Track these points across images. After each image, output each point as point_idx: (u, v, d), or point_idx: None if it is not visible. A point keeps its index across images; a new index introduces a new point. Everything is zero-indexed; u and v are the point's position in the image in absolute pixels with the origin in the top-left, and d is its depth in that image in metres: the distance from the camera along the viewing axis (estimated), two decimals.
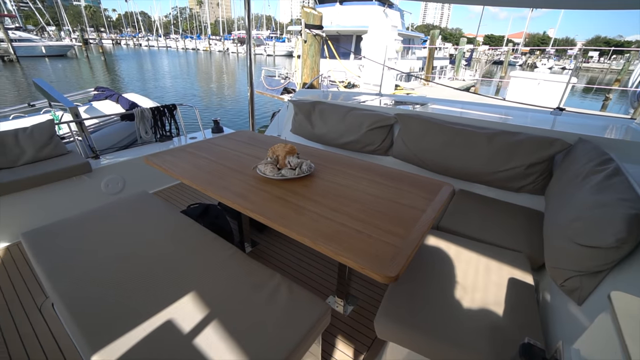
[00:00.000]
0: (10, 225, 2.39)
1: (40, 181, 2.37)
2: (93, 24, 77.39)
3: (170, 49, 59.79)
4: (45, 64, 27.46)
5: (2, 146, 2.38)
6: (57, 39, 38.83)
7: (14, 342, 1.66)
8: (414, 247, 1.15)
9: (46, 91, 3.20)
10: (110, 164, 2.86)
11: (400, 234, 1.21)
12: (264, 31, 71.16)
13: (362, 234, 1.21)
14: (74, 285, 1.32)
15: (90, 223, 1.74)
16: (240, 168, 1.78)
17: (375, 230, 1.23)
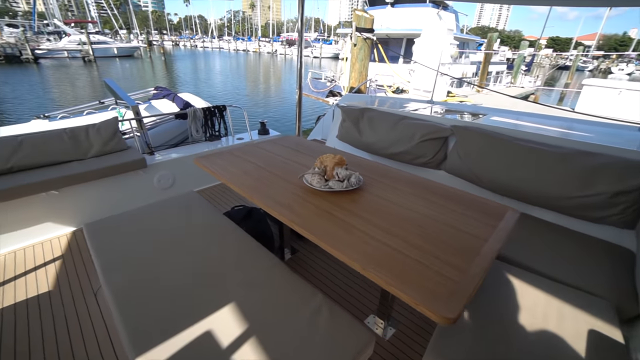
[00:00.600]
0: (76, 212, 2.61)
1: (104, 174, 2.55)
2: (157, 27, 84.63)
3: (222, 50, 63.23)
4: (115, 63, 30.53)
5: (76, 140, 2.60)
6: (127, 41, 42.99)
7: (71, 319, 1.80)
8: (476, 285, 1.00)
9: (114, 90, 3.46)
10: (163, 161, 3.01)
11: (460, 266, 1.07)
12: (312, 33, 72.32)
13: (419, 263, 1.08)
14: (124, 283, 1.37)
15: (143, 220, 1.82)
16: (286, 176, 1.74)
17: (432, 260, 1.10)
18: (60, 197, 2.50)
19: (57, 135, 2.55)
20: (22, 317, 1.81)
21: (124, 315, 1.21)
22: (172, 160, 3.06)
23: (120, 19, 54.66)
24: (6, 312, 1.84)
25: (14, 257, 2.29)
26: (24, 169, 2.39)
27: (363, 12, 4.94)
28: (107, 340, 1.69)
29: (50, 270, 2.17)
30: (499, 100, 8.22)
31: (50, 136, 2.52)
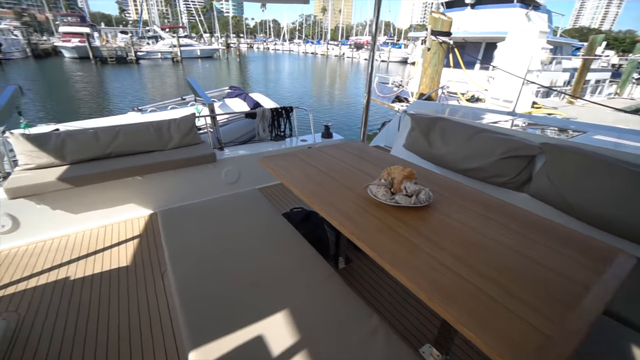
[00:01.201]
0: (154, 198, 2.89)
1: (179, 164, 2.78)
2: (235, 31, 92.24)
3: (292, 53, 66.05)
4: (197, 63, 33.98)
5: (160, 132, 2.89)
6: (209, 43, 47.50)
7: (141, 294, 1.98)
8: (576, 344, 0.81)
9: (194, 89, 3.78)
10: (231, 157, 3.18)
11: (551, 316, 0.88)
12: (381, 37, 71.31)
13: (496, 302, 0.92)
14: (187, 272, 1.44)
15: (210, 213, 1.92)
16: (349, 183, 1.66)
17: (514, 301, 0.92)
18: (142, 183, 2.80)
19: (145, 128, 2.85)
20: (105, 284, 2.05)
21: (184, 304, 1.27)
22: (239, 156, 3.22)
23: (205, 24, 60.73)
24: (95, 278, 2.10)
25: (104, 231, 2.62)
26: (119, 155, 2.73)
27: (440, 14, 4.63)
28: (168, 318, 1.81)
29: (129, 247, 2.43)
30: (600, 115, 6.95)
31: (140, 128, 2.83)
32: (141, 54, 35.09)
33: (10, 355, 1.60)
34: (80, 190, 2.52)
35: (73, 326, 1.77)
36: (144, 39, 45.00)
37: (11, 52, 32.12)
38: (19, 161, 2.46)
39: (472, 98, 7.80)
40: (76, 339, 1.70)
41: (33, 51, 36.25)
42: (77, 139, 2.58)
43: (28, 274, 2.15)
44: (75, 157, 2.56)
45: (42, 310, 1.86)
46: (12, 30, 36.60)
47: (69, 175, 2.37)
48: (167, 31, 42.31)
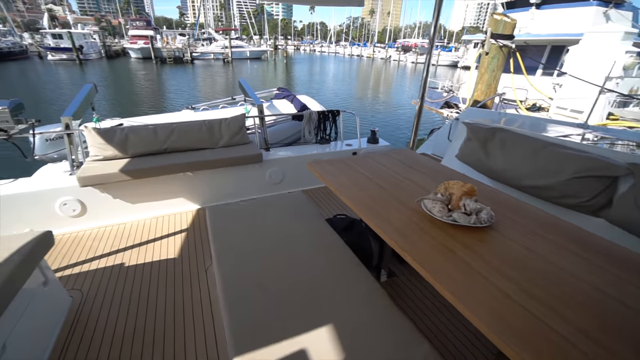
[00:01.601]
0: (202, 193, 3.02)
1: (228, 163, 2.87)
2: (283, 33, 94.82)
3: (337, 55, 66.25)
4: (246, 64, 35.47)
5: (211, 131, 3.00)
6: (258, 45, 49.42)
7: (186, 287, 2.05)
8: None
9: (245, 89, 3.89)
10: (276, 158, 3.22)
11: None
12: None
13: (579, 350, 0.78)
14: (232, 272, 1.45)
15: (255, 213, 1.94)
16: (399, 195, 1.57)
17: (601, 352, 0.78)
18: (192, 178, 2.93)
19: (198, 126, 2.99)
20: (155, 273, 2.16)
21: (228, 305, 1.28)
22: (284, 158, 3.25)
23: (256, 26, 63.31)
24: (146, 266, 2.22)
25: (155, 222, 2.78)
26: (173, 151, 2.88)
27: (503, 16, 4.29)
28: (210, 314, 1.86)
29: (177, 240, 2.55)
30: None
31: (193, 126, 2.97)
32: (196, 54, 37.54)
33: (74, 330, 1.74)
34: (138, 182, 2.70)
35: (126, 310, 1.88)
36: (199, 40, 48.10)
37: (89, 54, 36.15)
38: (89, 152, 2.70)
39: (534, 107, 6.99)
40: (128, 322, 1.80)
41: (106, 52, 40.56)
42: (139, 134, 2.77)
43: (91, 256, 2.34)
44: (135, 151, 2.75)
45: (100, 292, 2.01)
46: (92, 34, 41.22)
47: (129, 167, 2.55)
48: (221, 33, 44.81)
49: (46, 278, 1.72)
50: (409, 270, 2.23)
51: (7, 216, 2.44)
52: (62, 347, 1.65)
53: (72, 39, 32.57)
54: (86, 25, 54.29)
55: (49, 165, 3.42)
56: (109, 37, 53.19)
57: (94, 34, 41.84)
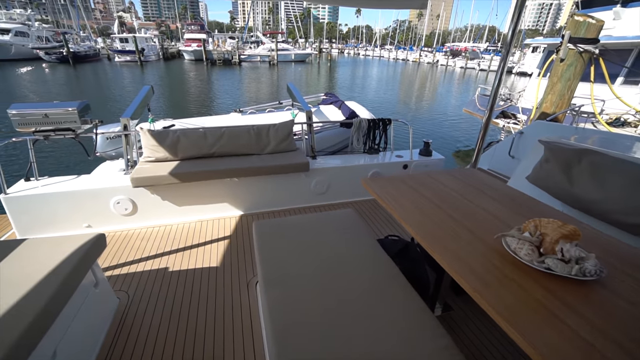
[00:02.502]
0: (246, 200, 2.97)
1: (274, 170, 2.79)
2: (328, 37, 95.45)
3: (382, 59, 65.20)
4: (291, 67, 36.18)
5: (259, 136, 2.95)
6: (303, 48, 50.31)
7: (227, 298, 1.98)
8: None
9: (294, 94, 3.82)
10: (323, 167, 3.08)
11: None
12: (482, 44, 64.88)
13: None
14: (279, 292, 1.34)
15: (302, 227, 1.80)
16: (475, 228, 1.34)
17: None
18: (238, 184, 2.89)
19: (246, 131, 2.95)
20: (197, 280, 2.12)
21: (274, 328, 1.17)
22: (330, 168, 3.10)
23: (302, 29, 64.60)
24: (189, 273, 2.19)
25: (200, 225, 2.78)
26: (221, 156, 2.87)
27: (586, 16, 3.76)
28: (249, 329, 1.77)
29: (220, 246, 2.50)
30: None
31: (241, 130, 2.93)
32: (243, 57, 39.18)
33: (120, 333, 1.73)
34: (186, 185, 2.71)
35: (168, 315, 1.85)
36: (247, 43, 50.15)
37: (149, 56, 39.48)
38: (143, 153, 2.77)
39: (617, 121, 5.90)
40: (170, 328, 1.76)
41: (164, 54, 43.94)
42: (189, 138, 2.79)
43: (138, 257, 2.37)
44: (185, 154, 2.77)
45: (145, 295, 2.00)
46: (152, 38, 44.90)
47: (179, 170, 2.56)
48: (268, 36, 46.33)
49: (97, 279, 1.73)
50: (468, 306, 1.97)
51: (68, 211, 2.56)
52: (107, 351, 1.64)
53: (136, 42, 35.65)
54: (148, 30, 59.20)
55: (107, 162, 3.61)
56: (166, 40, 57.57)
57: (154, 38, 45.46)
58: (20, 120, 2.42)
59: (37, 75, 25.34)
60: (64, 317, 1.39)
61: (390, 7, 2.80)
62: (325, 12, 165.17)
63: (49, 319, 1.22)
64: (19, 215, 2.47)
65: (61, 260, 1.41)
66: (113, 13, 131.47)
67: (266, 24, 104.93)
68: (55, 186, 2.53)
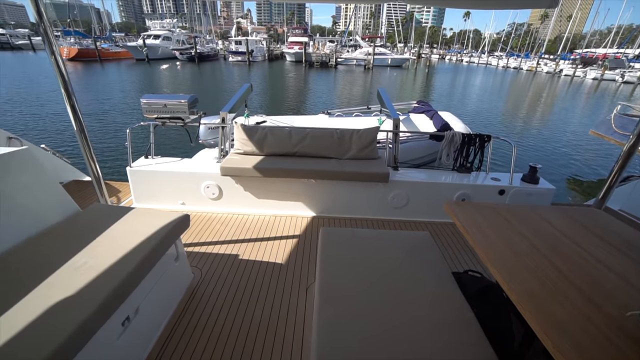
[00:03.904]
0: (319, 202, 2.96)
1: (351, 177, 2.71)
2: (429, 41, 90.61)
3: (488, 66, 58.80)
4: (386, 72, 35.64)
5: (342, 140, 2.91)
6: (401, 53, 48.98)
7: (285, 298, 1.99)
8: None
9: (383, 100, 3.67)
10: (404, 180, 2.87)
11: None
12: (633, 49, 51.50)
13: None
14: (335, 307, 1.27)
15: (373, 244, 1.68)
16: (594, 293, 1.01)
17: None
18: (314, 185, 2.90)
19: (330, 134, 2.94)
20: (261, 274, 2.19)
21: (322, 348, 1.10)
22: (412, 181, 2.87)
23: (402, 34, 63.02)
24: (255, 265, 2.29)
25: (272, 220, 2.89)
26: (302, 156, 2.93)
27: None
28: (300, 332, 1.74)
29: (288, 243, 2.55)
30: None
31: (325, 133, 2.94)
32: (340, 60, 40.32)
33: (189, 304, 1.90)
34: (266, 179, 2.85)
35: (231, 299, 1.96)
36: (345, 47, 51.38)
37: (257, 56, 44.23)
38: (234, 145, 3.01)
39: None
40: (230, 311, 1.86)
41: (269, 56, 48.46)
42: (276, 135, 2.92)
43: (215, 239, 2.59)
44: (270, 150, 2.91)
45: (215, 275, 2.16)
46: (261, 40, 50.03)
47: (262, 165, 2.70)
48: (367, 41, 46.57)
49: (178, 254, 1.93)
50: None
51: (170, 187, 2.96)
52: (176, 319, 1.81)
53: (247, 44, 40.28)
54: (259, 33, 66.02)
55: (206, 150, 4.08)
56: (272, 43, 63.33)
57: (262, 41, 50.56)
58: (147, 108, 2.90)
59: (171, 71, 30.89)
60: (148, 280, 1.57)
61: (513, 7, 2.42)
62: (429, 16, 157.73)
63: (137, 279, 1.39)
64: (137, 186, 2.96)
65: (154, 231, 1.60)
66: (233, 19, 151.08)
67: (366, 28, 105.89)
68: (164, 165, 2.95)
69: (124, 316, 1.44)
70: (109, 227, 1.64)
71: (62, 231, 1.62)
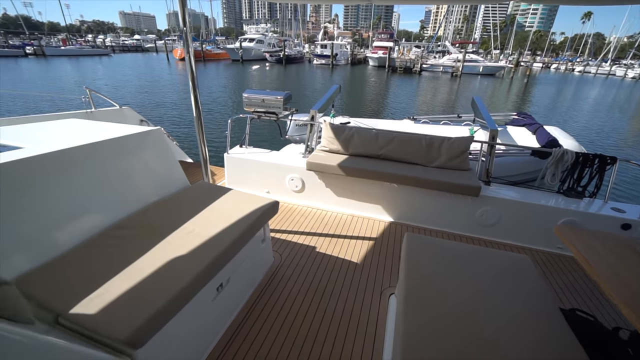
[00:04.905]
0: (400, 208, 2.88)
1: (437, 186, 2.57)
2: (532, 48, 79.89)
3: (610, 77, 49.14)
4: (476, 80, 32.78)
5: (430, 147, 2.79)
6: (495, 60, 44.52)
7: (359, 299, 2.00)
8: None
9: (479, 108, 3.39)
10: (496, 197, 2.61)
11: None
12: None
13: None
14: (417, 312, 1.22)
15: (463, 259, 1.56)
16: None
17: None
18: (396, 190, 2.84)
19: (418, 139, 2.84)
20: (335, 271, 2.23)
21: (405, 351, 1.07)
22: (507, 200, 2.59)
23: (499, 39, 57.26)
24: (331, 260, 2.34)
25: (350, 219, 2.92)
26: (386, 159, 2.89)
27: None
28: (372, 336, 1.72)
29: (364, 245, 2.54)
30: None
31: (413, 138, 2.85)
32: (425, 66, 38.54)
33: (268, 286, 2.05)
34: (348, 179, 2.89)
35: (306, 287, 2.05)
36: (432, 52, 48.96)
37: (340, 60, 45.25)
38: (321, 142, 3.13)
39: None
40: (305, 301, 1.94)
41: (352, 60, 49.04)
42: (362, 136, 2.94)
43: (295, 229, 2.73)
44: (355, 150, 2.94)
45: (293, 263, 2.28)
46: (346, 45, 50.94)
47: (346, 164, 2.75)
48: (457, 46, 43.58)
49: (265, 236, 2.09)
50: None
51: (257, 176, 3.22)
52: (256, 297, 1.96)
53: (332, 48, 41.43)
54: (344, 38, 67.28)
55: (291, 145, 4.32)
56: (356, 47, 63.89)
57: (347, 45, 51.39)
58: (248, 102, 3.21)
59: (260, 71, 33.70)
60: (240, 255, 1.74)
61: None
62: (535, 19, 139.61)
63: (233, 252, 1.56)
64: (231, 170, 3.30)
65: (248, 212, 1.77)
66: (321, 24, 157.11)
67: (457, 33, 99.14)
68: (255, 155, 3.22)
69: (219, 282, 1.62)
70: (212, 203, 1.87)
71: (176, 201, 1.90)
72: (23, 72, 26.53)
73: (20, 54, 39.51)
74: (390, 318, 1.82)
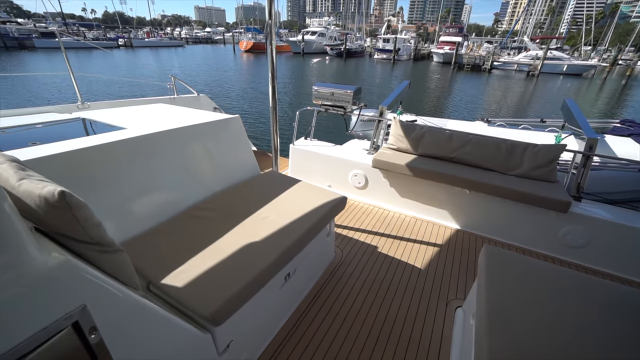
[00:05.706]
0: (471, 216, 2.68)
1: (519, 197, 2.33)
2: (637, 43, 67.64)
3: None
4: (557, 81, 29.07)
5: (511, 154, 2.54)
6: (585, 58, 38.96)
7: (422, 304, 1.92)
8: None
9: (572, 113, 2.99)
10: (587, 215, 2.29)
11: None
12: None
13: None
14: (511, 334, 1.11)
15: (555, 280, 1.39)
16: None
17: None
18: (467, 197, 2.65)
19: (497, 144, 2.60)
20: (398, 274, 2.16)
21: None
22: (600, 219, 2.26)
23: (592, 33, 49.91)
24: (393, 262, 2.27)
25: (414, 222, 2.80)
26: (460, 162, 2.70)
27: None
28: (436, 346, 1.64)
29: (429, 250, 2.42)
30: None
31: (491, 142, 2.61)
32: (497, 64, 35.23)
33: (329, 281, 2.06)
34: (415, 180, 2.76)
35: (367, 287, 2.02)
36: (506, 49, 44.61)
37: (402, 55, 43.53)
38: (388, 140, 3.04)
39: None
40: (366, 301, 1.91)
41: (415, 55, 46.89)
42: (434, 136, 2.78)
43: (357, 226, 2.70)
44: (425, 150, 2.80)
45: (354, 260, 2.26)
46: (409, 39, 48.82)
47: (414, 164, 2.63)
48: (537, 42, 39.00)
49: (330, 231, 2.10)
50: None
51: (320, 168, 3.25)
52: (317, 290, 1.98)
53: (395, 42, 40.02)
54: (408, 32, 64.49)
55: (355, 140, 4.28)
56: (421, 42, 60.84)
57: (410, 39, 49.22)
58: (317, 95, 3.23)
59: (320, 64, 34.03)
60: (308, 247, 1.77)
61: None
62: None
63: (303, 244, 1.58)
64: (295, 161, 3.38)
65: (318, 205, 1.78)
66: (384, 17, 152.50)
67: (539, 27, 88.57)
68: (319, 148, 3.25)
69: (287, 272, 1.66)
70: (284, 192, 1.92)
71: (250, 187, 1.99)
72: (116, 60, 30.46)
73: (114, 46, 45.20)
74: (457, 332, 1.71)
